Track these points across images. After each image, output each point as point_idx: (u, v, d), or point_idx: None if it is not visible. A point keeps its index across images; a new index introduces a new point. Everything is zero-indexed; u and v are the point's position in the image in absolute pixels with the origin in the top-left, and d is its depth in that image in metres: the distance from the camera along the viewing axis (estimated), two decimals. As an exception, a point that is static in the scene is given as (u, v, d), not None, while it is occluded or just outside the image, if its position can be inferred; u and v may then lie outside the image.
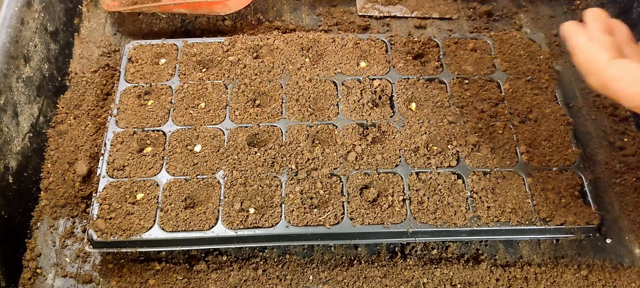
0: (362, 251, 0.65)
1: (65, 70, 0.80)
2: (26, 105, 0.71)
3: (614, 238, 0.66)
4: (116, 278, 0.63)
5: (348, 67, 0.74)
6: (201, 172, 0.65)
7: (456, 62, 0.75)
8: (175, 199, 0.63)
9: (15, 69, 0.70)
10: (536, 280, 0.62)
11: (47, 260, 0.65)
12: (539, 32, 0.84)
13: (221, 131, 0.68)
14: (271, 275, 0.63)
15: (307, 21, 0.87)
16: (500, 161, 0.66)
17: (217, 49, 0.76)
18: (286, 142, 0.67)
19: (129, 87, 0.73)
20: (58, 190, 0.69)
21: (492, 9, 0.87)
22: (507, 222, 0.62)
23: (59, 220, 0.68)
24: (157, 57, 0.76)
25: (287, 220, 0.61)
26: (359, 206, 0.62)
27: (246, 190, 0.63)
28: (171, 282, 0.62)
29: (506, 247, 0.66)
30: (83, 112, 0.75)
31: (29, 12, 0.74)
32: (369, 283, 0.62)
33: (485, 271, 0.63)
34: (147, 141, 0.69)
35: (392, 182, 0.64)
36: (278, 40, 0.77)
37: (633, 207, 0.68)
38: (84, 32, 0.85)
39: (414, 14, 0.87)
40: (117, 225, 0.61)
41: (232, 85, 0.72)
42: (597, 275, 0.63)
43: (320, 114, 0.70)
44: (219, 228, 0.61)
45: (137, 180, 0.64)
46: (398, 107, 0.70)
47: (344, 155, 0.66)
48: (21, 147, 0.69)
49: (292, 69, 0.74)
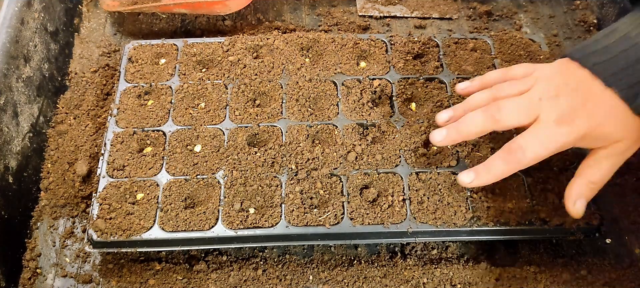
0: (362, 251, 0.65)
1: (65, 70, 0.80)
2: (26, 105, 0.71)
3: (614, 238, 0.66)
4: (116, 278, 0.63)
5: (348, 67, 0.74)
6: (201, 172, 0.65)
7: (456, 62, 0.75)
8: (175, 199, 0.63)
9: (15, 69, 0.70)
10: (536, 280, 0.62)
11: (47, 260, 0.65)
12: (539, 32, 0.84)
13: (221, 131, 0.68)
14: (271, 275, 0.63)
15: (307, 21, 0.87)
16: (500, 161, 0.66)
17: (217, 49, 0.76)
18: (286, 142, 0.67)
19: (129, 87, 0.73)
20: (58, 190, 0.69)
21: (492, 9, 0.87)
22: (507, 222, 0.62)
23: (59, 220, 0.68)
24: (157, 57, 0.76)
25: (287, 220, 0.61)
26: (359, 206, 0.62)
27: (246, 190, 0.63)
28: (171, 282, 0.62)
29: (506, 247, 0.66)
30: (83, 112, 0.75)
31: (29, 12, 0.74)
32: (369, 283, 0.62)
33: (485, 271, 0.63)
34: (147, 141, 0.69)
35: (392, 182, 0.64)
36: (278, 40, 0.77)
37: (633, 207, 0.68)
38: (84, 32, 0.85)
39: (414, 14, 0.87)
40: (117, 225, 0.61)
41: (232, 85, 0.72)
42: (597, 275, 0.63)
43: (320, 114, 0.70)
44: (219, 228, 0.61)
45: (137, 180, 0.64)
46: (398, 107, 0.70)
47: (344, 155, 0.66)
48: (21, 147, 0.69)
49: (292, 69, 0.74)
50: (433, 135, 0.58)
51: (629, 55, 0.52)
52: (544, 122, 0.53)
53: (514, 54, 0.76)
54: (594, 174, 0.55)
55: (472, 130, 0.56)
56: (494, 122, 0.55)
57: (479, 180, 0.56)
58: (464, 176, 0.56)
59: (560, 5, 0.89)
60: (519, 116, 0.54)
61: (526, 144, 0.53)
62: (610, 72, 0.52)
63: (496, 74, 0.62)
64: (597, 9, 0.87)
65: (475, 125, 0.56)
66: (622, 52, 0.53)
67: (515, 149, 0.54)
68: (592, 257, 0.65)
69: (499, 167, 0.55)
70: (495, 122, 0.55)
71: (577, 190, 0.55)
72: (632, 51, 0.52)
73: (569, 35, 0.85)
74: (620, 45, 0.53)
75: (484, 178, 0.56)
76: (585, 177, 0.55)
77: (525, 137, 0.54)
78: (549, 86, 0.54)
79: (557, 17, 0.88)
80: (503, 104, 0.55)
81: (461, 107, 0.59)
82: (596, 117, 0.52)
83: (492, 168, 0.55)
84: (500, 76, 0.61)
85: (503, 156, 0.55)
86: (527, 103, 0.54)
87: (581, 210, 0.55)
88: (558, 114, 0.53)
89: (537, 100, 0.54)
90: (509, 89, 0.57)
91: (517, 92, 0.56)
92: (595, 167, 0.55)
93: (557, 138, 0.53)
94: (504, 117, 0.54)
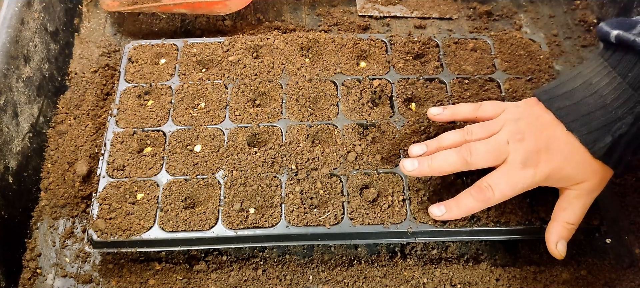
0: (362, 251, 0.65)
1: (65, 70, 0.80)
2: (26, 105, 0.71)
3: (614, 238, 0.66)
4: (116, 278, 0.63)
5: (348, 67, 0.74)
6: (201, 172, 0.65)
7: (456, 62, 0.75)
8: (175, 199, 0.63)
9: (15, 69, 0.70)
10: (536, 280, 0.62)
11: (47, 260, 0.65)
12: (539, 32, 0.84)
13: (221, 131, 0.68)
14: (271, 275, 0.63)
15: (307, 21, 0.87)
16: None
17: (217, 49, 0.76)
18: (286, 142, 0.67)
19: (129, 87, 0.73)
20: (58, 190, 0.69)
21: (492, 9, 0.87)
22: (507, 222, 0.62)
23: (59, 220, 0.68)
24: (157, 57, 0.76)
25: (287, 220, 0.61)
26: (359, 206, 0.62)
27: (246, 190, 0.63)
28: (171, 282, 0.62)
29: (506, 247, 0.66)
30: (83, 112, 0.75)
31: (29, 12, 0.74)
32: (369, 283, 0.62)
33: (485, 271, 0.63)
34: (147, 141, 0.69)
35: (392, 182, 0.64)
36: (278, 40, 0.77)
37: (633, 207, 0.68)
38: (84, 32, 0.85)
39: (414, 14, 0.87)
40: (117, 225, 0.61)
41: (232, 85, 0.72)
42: (597, 275, 0.63)
43: (320, 114, 0.70)
44: (219, 228, 0.61)
45: (137, 180, 0.64)
46: (398, 107, 0.70)
47: (344, 155, 0.66)
48: (21, 147, 0.69)
49: (292, 69, 0.74)
50: (404, 163, 0.60)
51: (589, 103, 0.56)
52: (511, 164, 0.57)
53: (514, 53, 0.76)
54: (568, 216, 0.58)
55: (445, 168, 0.60)
56: (466, 163, 0.58)
57: (450, 214, 0.60)
58: (435, 209, 0.60)
59: (560, 5, 0.89)
60: (489, 159, 0.58)
61: (495, 184, 0.57)
62: (572, 118, 0.56)
63: (467, 109, 0.65)
64: (597, 9, 0.87)
65: (449, 164, 0.59)
66: (584, 98, 0.56)
67: (485, 188, 0.57)
68: (592, 257, 0.65)
69: (469, 204, 0.59)
70: (466, 164, 0.58)
71: (556, 233, 0.59)
72: (591, 99, 0.56)
73: (569, 35, 0.85)
74: (582, 92, 0.57)
75: (454, 212, 0.60)
76: (561, 220, 0.59)
77: (494, 177, 0.58)
78: (515, 129, 0.58)
79: (557, 17, 0.88)
80: (474, 147, 0.58)
81: (434, 143, 0.62)
82: (558, 160, 0.56)
83: (461, 204, 0.59)
84: (470, 111, 0.64)
85: (473, 194, 0.58)
86: (496, 146, 0.58)
87: (563, 251, 0.58)
88: (523, 157, 0.57)
89: (505, 144, 0.58)
90: (480, 132, 0.61)
91: (488, 134, 0.60)
92: (569, 209, 0.58)
93: (523, 180, 0.57)
94: (475, 160, 0.58)
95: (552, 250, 0.59)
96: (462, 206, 0.59)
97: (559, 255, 0.58)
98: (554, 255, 0.59)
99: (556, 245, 0.58)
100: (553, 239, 0.58)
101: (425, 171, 0.60)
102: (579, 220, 0.59)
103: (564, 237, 0.58)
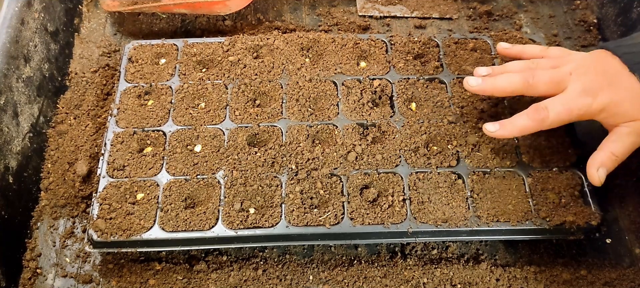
0: (362, 251, 0.65)
1: (66, 70, 0.80)
2: (26, 105, 0.71)
3: (614, 238, 0.66)
4: (116, 278, 0.63)
5: (348, 67, 0.74)
6: (201, 172, 0.65)
7: (456, 62, 0.75)
8: (176, 199, 0.63)
9: (15, 69, 0.70)
10: (536, 280, 0.62)
11: (47, 260, 0.65)
12: (539, 32, 0.84)
13: (221, 131, 0.68)
14: (271, 275, 0.63)
15: (307, 21, 0.87)
16: (500, 161, 0.66)
17: (217, 49, 0.76)
18: (286, 142, 0.67)
19: (129, 87, 0.73)
20: (58, 190, 0.69)
21: (492, 9, 0.87)
22: (507, 222, 0.62)
23: (59, 220, 0.68)
24: (157, 57, 0.76)
25: (287, 220, 0.61)
26: (359, 206, 0.62)
27: (246, 190, 0.63)
28: (171, 282, 0.62)
29: (506, 247, 0.66)
30: (83, 112, 0.75)
31: (29, 12, 0.74)
32: (369, 283, 0.62)
33: (485, 271, 0.63)
34: (147, 141, 0.69)
35: (392, 182, 0.64)
36: (278, 40, 0.77)
37: (633, 207, 0.68)
38: (84, 32, 0.85)
39: (414, 14, 0.87)
40: (117, 225, 0.61)
41: (232, 85, 0.72)
42: (597, 275, 0.63)
43: (320, 114, 0.70)
44: (219, 228, 0.61)
45: (137, 180, 0.64)
46: (398, 107, 0.70)
47: (344, 155, 0.66)
48: (21, 147, 0.69)
49: (292, 69, 0.74)
50: (468, 79, 0.63)
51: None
52: (571, 90, 0.59)
53: (514, 54, 0.76)
54: (616, 147, 0.59)
55: (507, 87, 0.61)
56: (527, 86, 0.60)
57: (503, 131, 0.61)
58: (489, 125, 0.62)
59: (560, 5, 0.89)
60: (550, 85, 0.60)
61: (551, 105, 0.59)
62: (636, 61, 0.58)
63: (535, 49, 0.67)
64: (597, 9, 0.87)
65: (510, 83, 0.61)
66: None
67: (542, 109, 0.59)
68: (592, 257, 0.65)
69: (523, 122, 0.60)
70: (528, 86, 0.60)
71: (600, 160, 0.59)
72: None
73: (569, 35, 0.85)
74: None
75: (508, 129, 0.61)
76: (607, 150, 0.59)
77: (551, 100, 0.59)
78: (580, 65, 0.61)
79: (557, 17, 0.87)
80: (537, 71, 0.61)
81: (499, 69, 0.65)
82: (618, 95, 0.58)
83: (516, 123, 0.60)
84: (538, 52, 0.67)
85: (529, 113, 0.60)
86: (559, 75, 0.60)
87: (603, 177, 0.59)
88: (584, 85, 0.59)
89: (568, 74, 0.60)
90: (545, 63, 0.63)
91: (551, 67, 0.62)
92: (618, 141, 0.59)
93: (580, 106, 0.58)
94: (536, 83, 0.60)
95: (591, 174, 0.59)
96: (517, 124, 0.60)
97: (598, 180, 0.59)
98: (593, 180, 0.60)
99: (597, 169, 0.59)
100: (596, 164, 0.59)
101: (488, 88, 0.62)
102: (624, 155, 0.59)
103: (606, 166, 0.59)
